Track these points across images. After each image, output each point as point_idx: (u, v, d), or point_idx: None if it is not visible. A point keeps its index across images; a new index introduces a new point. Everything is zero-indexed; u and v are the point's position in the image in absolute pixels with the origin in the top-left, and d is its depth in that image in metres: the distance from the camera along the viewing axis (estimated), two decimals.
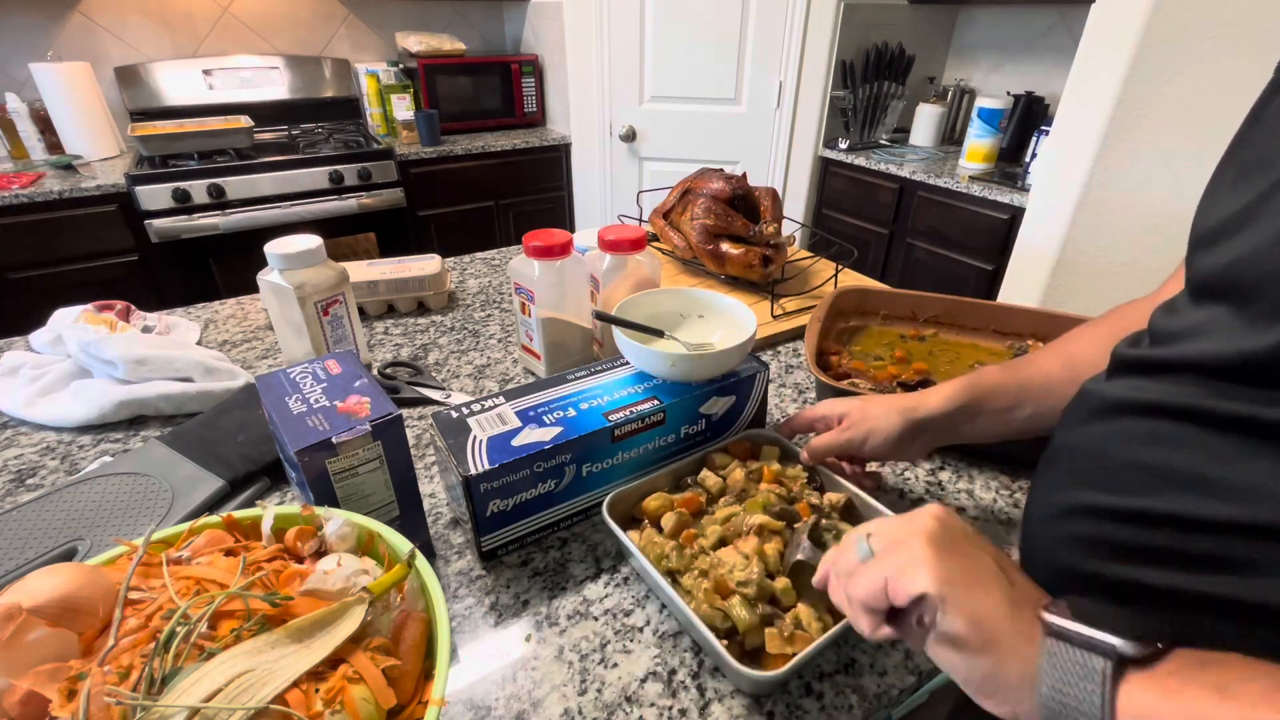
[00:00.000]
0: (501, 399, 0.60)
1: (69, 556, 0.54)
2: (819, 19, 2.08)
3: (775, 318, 0.97)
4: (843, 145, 2.27)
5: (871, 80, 2.22)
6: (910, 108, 2.39)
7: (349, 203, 2.08)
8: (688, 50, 2.17)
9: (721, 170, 1.11)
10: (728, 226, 1.02)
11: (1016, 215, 1.72)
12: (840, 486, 0.57)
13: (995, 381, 0.55)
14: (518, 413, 0.58)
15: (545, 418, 0.57)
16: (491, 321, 1.00)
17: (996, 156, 2.04)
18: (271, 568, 0.37)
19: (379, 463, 0.50)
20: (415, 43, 2.32)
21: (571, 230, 1.83)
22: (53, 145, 2.00)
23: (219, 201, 1.90)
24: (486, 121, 2.50)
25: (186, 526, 0.41)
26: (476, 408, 0.58)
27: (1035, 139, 1.95)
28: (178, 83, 2.18)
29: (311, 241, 0.75)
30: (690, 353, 0.62)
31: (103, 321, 0.82)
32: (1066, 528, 0.41)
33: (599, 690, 0.47)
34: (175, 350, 0.78)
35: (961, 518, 0.39)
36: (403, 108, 2.24)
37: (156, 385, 0.74)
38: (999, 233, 1.82)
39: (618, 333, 0.63)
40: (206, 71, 2.20)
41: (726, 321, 0.70)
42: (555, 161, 2.47)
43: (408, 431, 0.64)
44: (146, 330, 0.89)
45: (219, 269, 1.98)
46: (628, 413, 0.58)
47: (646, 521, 0.56)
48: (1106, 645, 0.29)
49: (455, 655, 0.49)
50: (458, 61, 2.36)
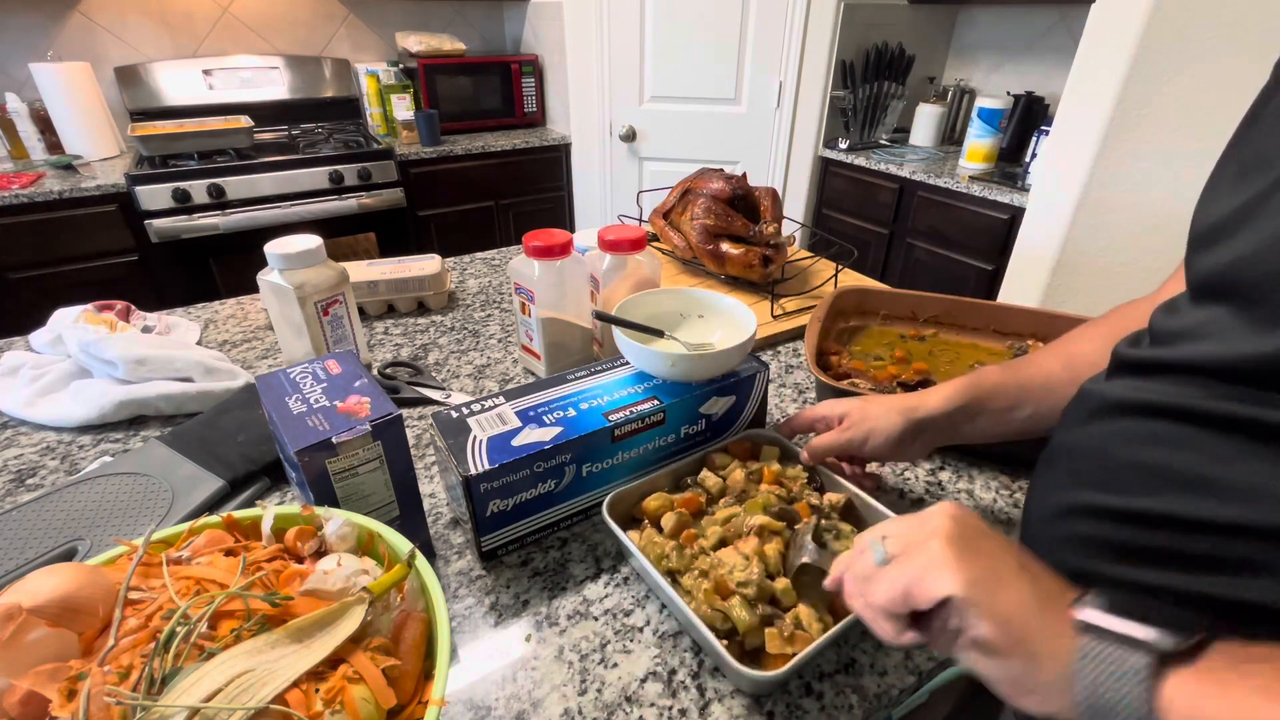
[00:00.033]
0: (501, 399, 0.60)
1: (69, 556, 0.54)
2: (819, 19, 2.08)
3: (775, 318, 0.97)
4: (843, 145, 2.27)
5: (871, 80, 2.22)
6: (910, 108, 2.39)
7: (349, 203, 2.08)
8: (688, 50, 2.17)
9: (721, 170, 1.11)
10: (728, 226, 1.02)
11: (1016, 215, 1.72)
12: (840, 487, 0.57)
13: (995, 381, 0.55)
14: (518, 413, 0.58)
15: (545, 418, 0.57)
16: (491, 321, 1.00)
17: (996, 156, 2.04)
18: (271, 568, 0.37)
19: (379, 463, 0.50)
20: (415, 43, 2.32)
21: (571, 230, 1.82)
22: (53, 145, 2.00)
23: (219, 201, 1.90)
24: (486, 121, 2.50)
25: (186, 526, 0.41)
26: (476, 408, 0.58)
27: (1035, 139, 1.95)
28: (178, 83, 2.18)
29: (311, 241, 0.75)
30: (690, 353, 0.62)
31: (103, 321, 0.82)
32: (1066, 528, 0.41)
33: (599, 690, 0.47)
34: (175, 350, 0.78)
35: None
36: (403, 108, 2.24)
37: (156, 385, 0.74)
38: (999, 233, 1.82)
39: (618, 333, 0.63)
40: (206, 71, 2.20)
41: (726, 321, 0.70)
42: (555, 161, 2.47)
43: (408, 431, 0.64)
44: (146, 330, 0.89)
45: (219, 269, 1.98)
46: (628, 413, 0.58)
47: (646, 521, 0.56)
48: (1144, 641, 0.28)
49: (455, 655, 0.49)
50: (458, 61, 2.36)
